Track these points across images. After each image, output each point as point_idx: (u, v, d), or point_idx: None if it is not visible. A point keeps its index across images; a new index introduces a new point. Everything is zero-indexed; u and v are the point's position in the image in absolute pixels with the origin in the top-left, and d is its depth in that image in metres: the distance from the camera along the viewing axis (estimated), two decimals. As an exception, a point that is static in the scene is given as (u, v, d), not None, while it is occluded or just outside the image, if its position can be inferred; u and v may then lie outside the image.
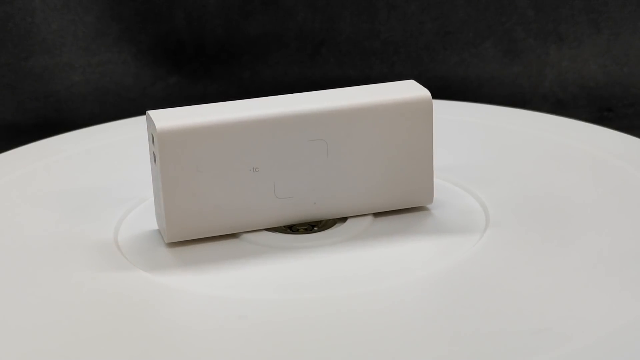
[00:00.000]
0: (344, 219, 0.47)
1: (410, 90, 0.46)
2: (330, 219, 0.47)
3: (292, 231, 0.47)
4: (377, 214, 0.48)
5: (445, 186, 0.51)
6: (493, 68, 0.82)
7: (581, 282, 0.42)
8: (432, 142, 0.47)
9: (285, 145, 0.45)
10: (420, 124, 0.46)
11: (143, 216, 0.49)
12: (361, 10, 0.82)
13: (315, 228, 0.47)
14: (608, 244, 0.44)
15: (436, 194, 0.49)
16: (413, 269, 0.43)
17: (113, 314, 0.41)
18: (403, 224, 0.47)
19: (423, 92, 0.46)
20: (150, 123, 0.45)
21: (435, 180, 0.51)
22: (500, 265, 0.43)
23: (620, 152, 0.53)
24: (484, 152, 0.54)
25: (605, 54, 0.81)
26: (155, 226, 0.47)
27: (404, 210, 0.48)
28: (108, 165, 0.56)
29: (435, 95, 0.47)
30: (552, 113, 0.62)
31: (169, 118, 0.44)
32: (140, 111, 0.78)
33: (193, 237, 0.45)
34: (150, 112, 0.45)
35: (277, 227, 0.47)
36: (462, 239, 0.45)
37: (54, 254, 0.46)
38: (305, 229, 0.47)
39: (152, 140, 0.45)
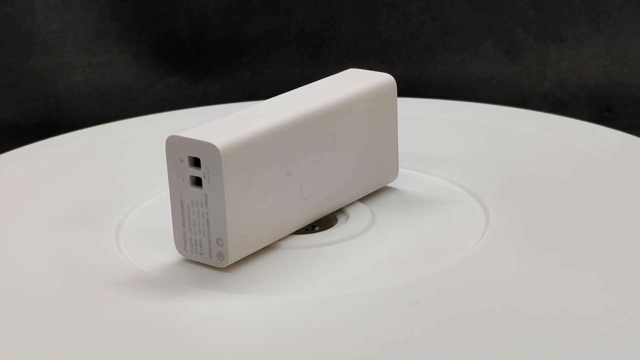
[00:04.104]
0: (345, 218, 0.47)
1: (373, 76, 0.49)
2: (332, 218, 0.48)
3: (293, 231, 0.47)
4: (376, 213, 0.48)
5: (445, 185, 0.51)
6: (493, 68, 0.82)
7: (581, 281, 0.42)
8: (397, 119, 0.49)
9: (306, 144, 0.45)
10: (389, 105, 0.49)
11: (144, 218, 0.49)
12: (361, 10, 0.82)
13: (317, 228, 0.47)
14: (609, 243, 0.44)
15: (437, 193, 0.49)
16: (414, 269, 0.44)
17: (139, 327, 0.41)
18: (404, 223, 0.47)
19: (386, 76, 0.49)
20: (186, 144, 0.42)
21: (434, 179, 0.51)
22: (501, 265, 0.43)
23: (620, 151, 0.53)
24: (483, 152, 0.54)
25: (605, 54, 0.82)
26: (155, 233, 0.46)
27: (404, 208, 0.48)
28: (108, 165, 0.56)
29: (435, 95, 0.48)
30: (552, 113, 0.62)
31: (213, 135, 0.42)
32: (140, 111, 0.78)
33: (245, 255, 0.44)
34: (180, 134, 0.42)
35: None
36: (462, 239, 0.45)
37: (57, 258, 0.46)
38: (306, 229, 0.47)
39: (193, 161, 0.42)
